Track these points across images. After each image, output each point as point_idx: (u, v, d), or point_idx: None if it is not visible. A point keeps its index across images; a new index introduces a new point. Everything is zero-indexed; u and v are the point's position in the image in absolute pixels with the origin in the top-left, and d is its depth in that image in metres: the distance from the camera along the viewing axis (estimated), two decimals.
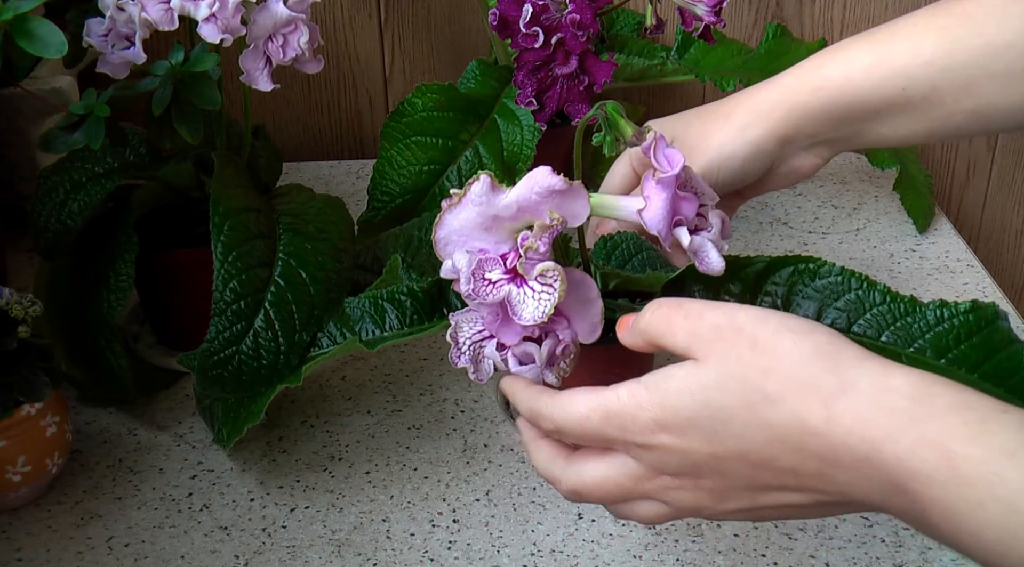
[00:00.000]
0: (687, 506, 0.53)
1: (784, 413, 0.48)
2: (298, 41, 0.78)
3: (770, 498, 0.50)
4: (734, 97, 0.75)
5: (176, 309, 0.88)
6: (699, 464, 0.50)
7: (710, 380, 0.49)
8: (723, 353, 0.50)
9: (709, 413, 0.49)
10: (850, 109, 0.70)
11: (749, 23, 1.22)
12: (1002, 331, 0.67)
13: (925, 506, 0.44)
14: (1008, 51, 0.66)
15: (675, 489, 0.52)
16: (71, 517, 0.74)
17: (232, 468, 0.78)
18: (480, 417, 0.83)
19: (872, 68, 0.69)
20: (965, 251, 1.04)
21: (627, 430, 0.51)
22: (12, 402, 0.70)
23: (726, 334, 0.50)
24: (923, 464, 0.44)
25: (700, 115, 0.76)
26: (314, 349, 0.76)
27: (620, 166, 0.77)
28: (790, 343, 0.49)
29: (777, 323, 0.50)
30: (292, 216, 0.80)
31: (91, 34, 0.76)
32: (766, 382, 0.48)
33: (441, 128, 0.94)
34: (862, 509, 0.49)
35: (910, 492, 0.45)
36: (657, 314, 0.54)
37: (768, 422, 0.48)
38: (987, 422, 0.44)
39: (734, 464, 0.50)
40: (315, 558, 0.70)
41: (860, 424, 0.46)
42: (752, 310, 0.51)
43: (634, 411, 0.51)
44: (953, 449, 0.44)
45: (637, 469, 0.53)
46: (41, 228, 0.82)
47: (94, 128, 0.75)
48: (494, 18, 0.85)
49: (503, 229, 0.62)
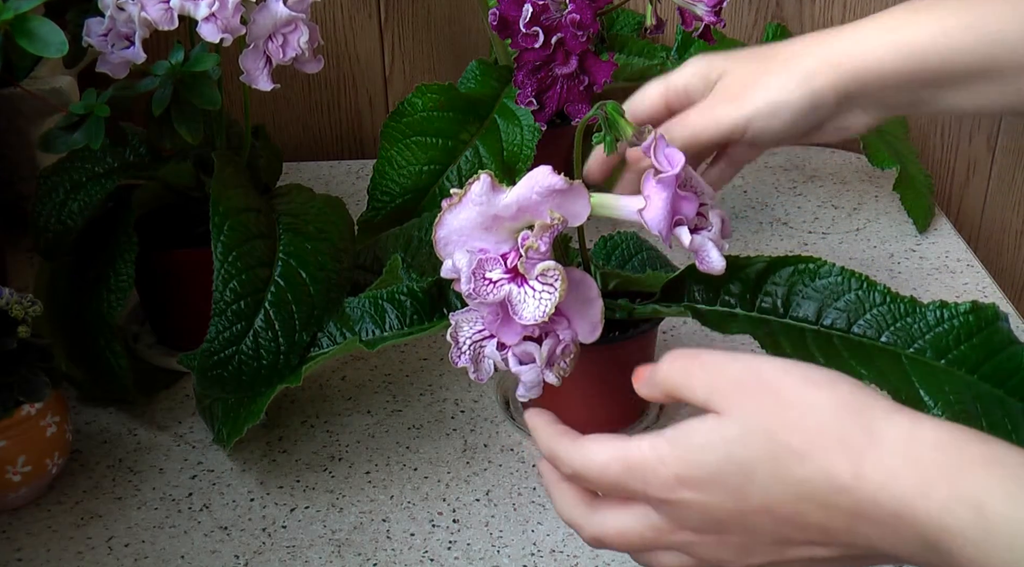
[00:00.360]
0: (711, 559, 0.51)
1: (811, 469, 0.46)
2: (298, 41, 0.78)
3: (797, 552, 0.49)
4: (796, 40, 0.69)
5: (176, 309, 0.88)
6: (723, 520, 0.49)
7: (734, 434, 0.48)
8: (746, 406, 0.48)
9: (734, 468, 0.48)
10: (931, 72, 0.65)
11: (749, 23, 1.22)
12: (1002, 332, 0.67)
13: (960, 564, 0.43)
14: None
15: (699, 544, 0.51)
16: (71, 517, 0.74)
17: (232, 468, 0.78)
18: (480, 417, 0.83)
19: (966, 30, 0.64)
20: (965, 251, 1.04)
21: (648, 484, 0.50)
22: (12, 402, 0.70)
23: (748, 387, 0.49)
24: (956, 521, 0.43)
25: (755, 55, 0.69)
26: (314, 349, 0.76)
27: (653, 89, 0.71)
28: (814, 396, 0.48)
29: (801, 375, 0.49)
30: (292, 216, 0.80)
31: (91, 34, 0.76)
32: (792, 437, 0.47)
33: (441, 128, 0.94)
34: (891, 562, 0.48)
35: (943, 549, 0.43)
36: (675, 366, 0.52)
37: (795, 478, 0.47)
38: (1020, 478, 0.43)
39: (760, 519, 0.48)
40: (315, 558, 0.70)
41: (890, 479, 0.45)
42: (774, 361, 0.50)
43: (655, 465, 0.49)
44: (988, 506, 0.42)
45: (659, 522, 0.51)
46: (41, 228, 0.82)
47: (94, 128, 0.75)
48: (494, 18, 0.85)
49: (503, 229, 0.62)
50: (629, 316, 0.74)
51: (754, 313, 0.71)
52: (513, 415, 0.82)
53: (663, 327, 0.83)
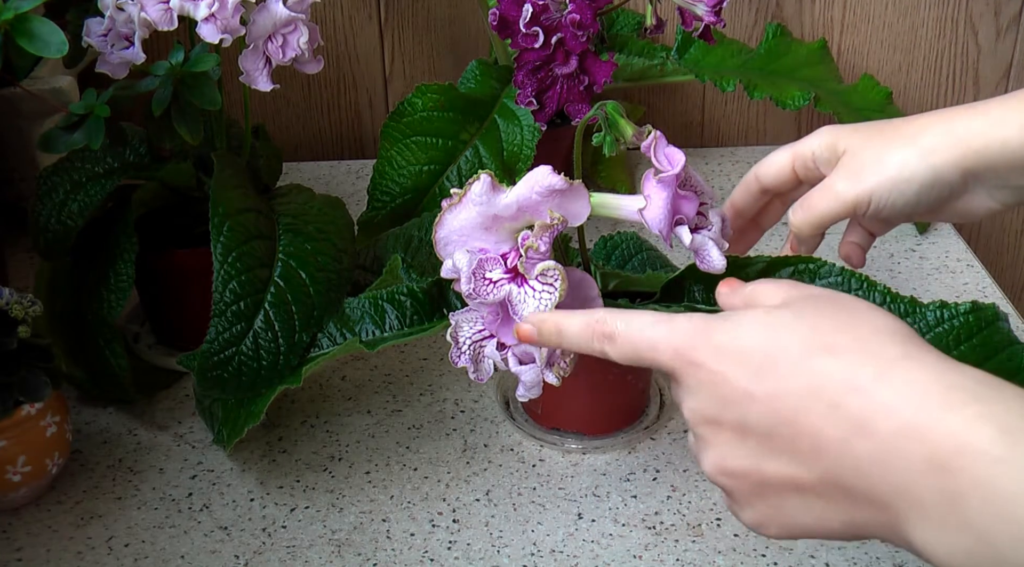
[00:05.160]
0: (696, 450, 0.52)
1: (835, 366, 0.46)
2: (298, 41, 0.78)
3: (775, 466, 0.48)
4: (925, 115, 0.69)
5: (176, 309, 0.88)
6: (725, 398, 0.49)
7: (783, 320, 0.49)
8: (804, 303, 0.50)
9: (764, 348, 0.48)
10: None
11: (749, 23, 1.22)
12: (1002, 332, 0.67)
13: (963, 488, 0.42)
14: None
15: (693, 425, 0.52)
16: (71, 517, 0.74)
17: (232, 468, 0.78)
18: (480, 417, 0.83)
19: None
20: (965, 251, 1.04)
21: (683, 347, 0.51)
22: (12, 402, 0.70)
23: (819, 298, 0.51)
24: (978, 438, 0.42)
25: (882, 130, 0.70)
26: (314, 349, 0.76)
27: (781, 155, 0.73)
28: (872, 315, 0.49)
29: (869, 304, 0.50)
30: (292, 216, 0.80)
31: (91, 34, 0.76)
32: (831, 335, 0.48)
33: (441, 128, 0.94)
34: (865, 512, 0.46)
35: (953, 467, 0.42)
36: (767, 283, 0.54)
37: (814, 370, 0.47)
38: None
39: (758, 409, 0.48)
40: (315, 558, 0.70)
41: (913, 389, 0.44)
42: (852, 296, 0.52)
43: (700, 332, 0.51)
44: (1018, 428, 0.41)
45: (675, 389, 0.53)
46: (41, 228, 0.82)
47: (94, 128, 0.75)
48: (494, 18, 0.85)
49: (503, 229, 0.62)
50: None
51: None
52: (513, 415, 0.82)
53: None
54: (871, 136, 0.69)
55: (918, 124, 0.68)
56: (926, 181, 0.67)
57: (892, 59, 1.24)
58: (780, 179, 0.73)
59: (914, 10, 1.21)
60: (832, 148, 0.70)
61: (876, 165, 0.68)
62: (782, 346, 0.48)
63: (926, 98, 1.26)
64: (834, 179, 0.69)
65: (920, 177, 0.67)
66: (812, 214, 0.70)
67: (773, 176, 0.73)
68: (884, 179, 0.67)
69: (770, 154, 0.74)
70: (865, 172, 0.68)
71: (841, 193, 0.69)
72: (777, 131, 1.27)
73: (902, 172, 0.67)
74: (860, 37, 1.22)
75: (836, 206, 0.69)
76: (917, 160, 0.67)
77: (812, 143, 0.71)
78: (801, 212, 0.71)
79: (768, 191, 0.74)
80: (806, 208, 0.71)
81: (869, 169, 0.68)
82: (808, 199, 0.71)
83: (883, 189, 0.67)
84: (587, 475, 0.76)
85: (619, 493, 0.75)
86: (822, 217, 0.70)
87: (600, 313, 0.55)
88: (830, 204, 0.69)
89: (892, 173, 0.67)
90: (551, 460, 0.78)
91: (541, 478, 0.76)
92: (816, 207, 0.70)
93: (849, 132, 0.70)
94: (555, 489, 0.75)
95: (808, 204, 0.70)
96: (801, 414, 0.47)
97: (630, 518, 0.73)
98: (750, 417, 0.49)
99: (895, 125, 0.69)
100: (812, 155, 0.71)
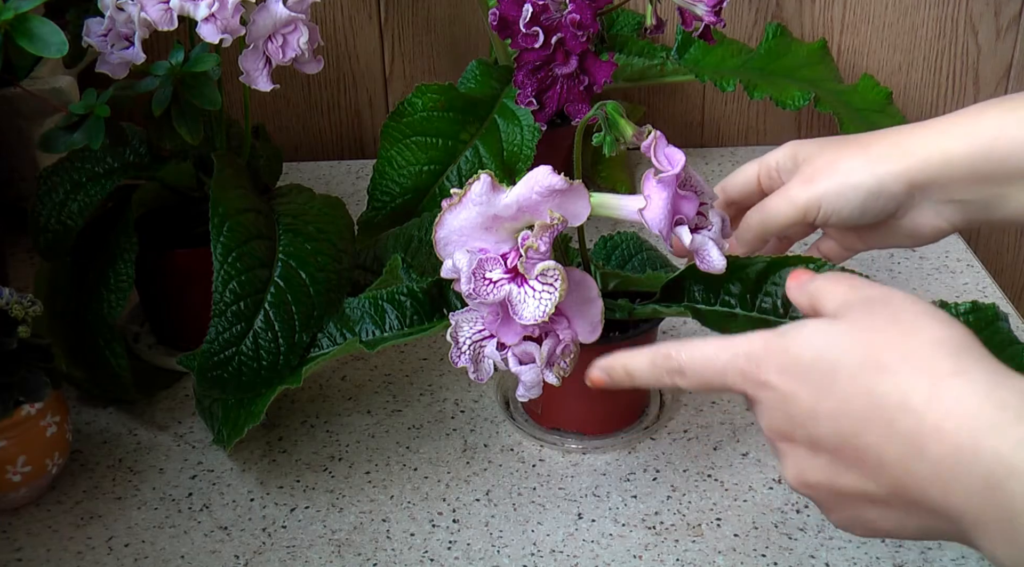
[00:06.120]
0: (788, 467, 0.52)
1: (888, 385, 0.47)
2: (298, 41, 0.78)
3: (849, 480, 0.49)
4: (879, 131, 0.72)
5: (176, 309, 0.88)
6: (795, 417, 0.50)
7: (836, 336, 0.50)
8: (860, 318, 0.50)
9: (823, 365, 0.49)
10: (1005, 164, 0.65)
11: (749, 23, 1.22)
12: (1002, 332, 0.67)
13: (1019, 508, 0.42)
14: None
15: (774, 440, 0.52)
16: (71, 517, 0.74)
17: (232, 468, 0.78)
18: (480, 417, 0.83)
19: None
20: (965, 251, 1.04)
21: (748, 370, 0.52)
22: (12, 402, 0.70)
23: (874, 305, 0.51)
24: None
25: (842, 140, 0.72)
26: (314, 350, 0.76)
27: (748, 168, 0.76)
28: (926, 324, 0.49)
29: (924, 308, 0.50)
30: (292, 216, 0.80)
31: (91, 34, 0.76)
32: (885, 353, 0.48)
33: (441, 128, 0.94)
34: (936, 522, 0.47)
35: (1007, 489, 0.43)
36: (831, 279, 0.54)
37: (870, 390, 0.48)
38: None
39: (826, 426, 0.49)
40: (315, 558, 0.70)
41: (963, 410, 0.45)
42: (908, 294, 0.52)
43: (761, 353, 0.51)
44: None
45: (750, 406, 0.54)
46: (41, 228, 0.82)
47: (94, 128, 0.75)
48: (494, 18, 0.85)
49: (503, 229, 0.62)
50: (629, 316, 0.74)
51: (754, 313, 0.71)
52: (513, 415, 0.82)
53: (663, 327, 0.83)
54: (830, 147, 0.72)
55: (874, 137, 0.71)
56: (872, 189, 0.69)
57: (892, 59, 1.24)
58: (745, 191, 0.76)
59: (914, 10, 1.21)
60: (794, 158, 0.73)
61: (828, 170, 0.70)
62: (838, 365, 0.49)
63: (926, 98, 1.26)
64: (790, 184, 0.72)
65: (867, 185, 0.69)
66: (765, 215, 0.72)
67: (739, 188, 0.76)
68: (833, 184, 0.69)
69: (738, 168, 0.76)
70: (817, 177, 0.70)
71: (794, 197, 0.71)
72: (777, 131, 1.27)
73: (849, 178, 0.69)
74: (860, 37, 1.22)
75: (788, 208, 0.71)
76: (863, 168, 0.69)
77: (777, 155, 0.74)
78: (756, 214, 0.73)
79: (734, 203, 0.77)
80: (761, 209, 0.73)
81: (821, 174, 0.70)
82: (765, 202, 0.73)
83: (831, 194, 0.69)
84: (587, 475, 0.76)
85: (619, 493, 0.75)
86: (775, 219, 0.72)
87: (664, 348, 0.56)
88: (782, 206, 0.71)
89: (841, 179, 0.69)
90: (551, 460, 0.78)
91: (541, 478, 0.76)
92: (768, 208, 0.72)
93: (811, 143, 0.73)
94: (555, 489, 0.75)
95: (763, 206, 0.73)
96: (862, 433, 0.48)
97: (630, 518, 0.73)
98: (818, 434, 0.50)
99: (857, 138, 0.72)
100: (776, 165, 0.74)
